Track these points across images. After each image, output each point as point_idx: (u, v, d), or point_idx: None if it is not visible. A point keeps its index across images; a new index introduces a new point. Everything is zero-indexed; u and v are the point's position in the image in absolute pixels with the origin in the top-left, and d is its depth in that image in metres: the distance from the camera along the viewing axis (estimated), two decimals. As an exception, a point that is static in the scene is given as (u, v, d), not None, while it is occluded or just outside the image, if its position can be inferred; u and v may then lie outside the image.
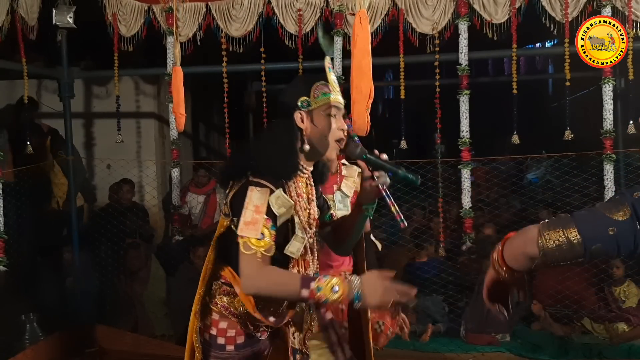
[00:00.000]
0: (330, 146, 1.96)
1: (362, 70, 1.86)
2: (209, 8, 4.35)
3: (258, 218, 1.80)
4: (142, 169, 5.87)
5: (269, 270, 1.82)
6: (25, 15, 4.34)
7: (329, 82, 1.99)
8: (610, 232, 1.36)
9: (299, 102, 1.95)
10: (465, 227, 4.07)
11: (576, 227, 1.39)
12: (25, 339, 4.37)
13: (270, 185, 1.84)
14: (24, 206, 4.71)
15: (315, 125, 1.95)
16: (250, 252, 1.78)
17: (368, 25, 1.94)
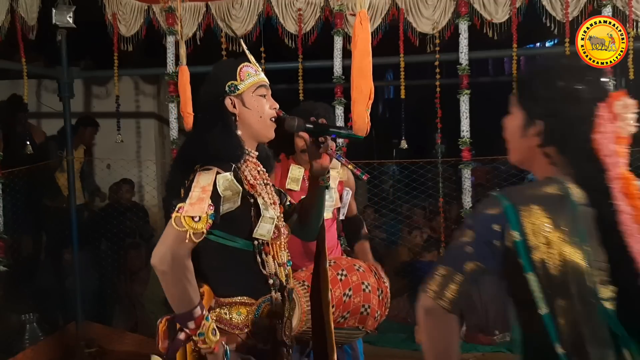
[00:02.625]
0: (267, 125, 1.94)
1: (362, 70, 1.86)
2: (208, 8, 4.34)
3: (204, 197, 1.73)
4: (142, 169, 5.87)
5: (189, 265, 1.72)
6: (25, 15, 4.34)
7: (252, 62, 1.96)
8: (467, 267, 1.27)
9: (227, 88, 1.91)
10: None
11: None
12: (25, 339, 4.37)
13: (217, 168, 1.79)
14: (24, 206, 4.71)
15: (247, 107, 1.92)
16: (181, 230, 1.70)
17: (369, 25, 1.94)
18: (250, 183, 1.88)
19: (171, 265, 1.69)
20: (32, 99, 5.70)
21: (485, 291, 1.45)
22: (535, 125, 1.36)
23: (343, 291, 2.50)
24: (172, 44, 4.34)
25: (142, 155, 6.00)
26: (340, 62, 4.13)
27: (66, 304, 4.75)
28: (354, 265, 2.63)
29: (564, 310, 1.22)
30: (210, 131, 1.89)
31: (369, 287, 2.55)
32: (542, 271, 1.23)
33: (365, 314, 2.55)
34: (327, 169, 1.97)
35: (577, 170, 1.31)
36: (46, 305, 4.66)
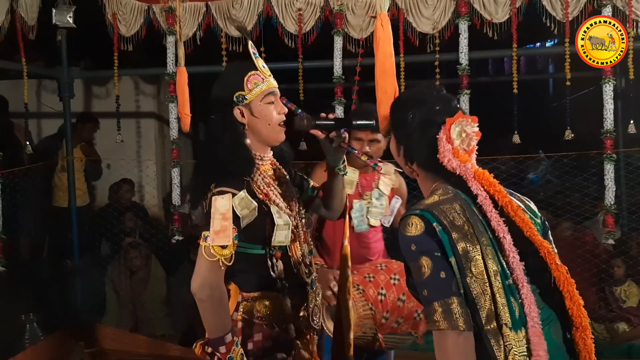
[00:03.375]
0: (276, 130, 1.98)
1: (385, 72, 1.86)
2: (208, 8, 4.34)
3: (226, 225, 1.82)
4: (142, 168, 5.88)
5: (224, 292, 1.87)
6: (25, 15, 4.34)
7: (259, 69, 1.98)
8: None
9: (235, 98, 1.94)
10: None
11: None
12: (25, 339, 4.37)
13: (231, 189, 1.86)
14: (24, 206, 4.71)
15: (256, 117, 1.95)
16: (213, 260, 1.81)
17: (389, 27, 1.94)
18: (263, 192, 1.94)
19: (209, 294, 1.83)
20: (32, 99, 5.70)
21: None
22: (399, 148, 1.61)
23: (397, 296, 2.44)
24: (172, 44, 4.34)
25: (142, 155, 6.01)
26: (340, 62, 4.13)
27: (66, 304, 4.74)
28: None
29: (476, 288, 1.41)
30: (220, 145, 1.93)
31: None
32: (462, 256, 1.41)
33: (418, 319, 2.50)
34: (341, 159, 2.06)
35: (441, 179, 1.54)
36: (46, 305, 4.66)
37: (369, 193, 2.92)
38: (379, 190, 2.92)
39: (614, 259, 4.33)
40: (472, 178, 1.49)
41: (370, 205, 2.90)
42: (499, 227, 1.44)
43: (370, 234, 2.92)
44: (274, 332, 1.95)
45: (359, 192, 2.92)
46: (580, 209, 4.70)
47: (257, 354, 1.91)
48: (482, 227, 1.46)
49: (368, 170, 2.93)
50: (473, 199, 1.50)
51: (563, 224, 4.74)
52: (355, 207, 2.89)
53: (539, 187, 6.10)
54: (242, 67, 1.99)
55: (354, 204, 2.89)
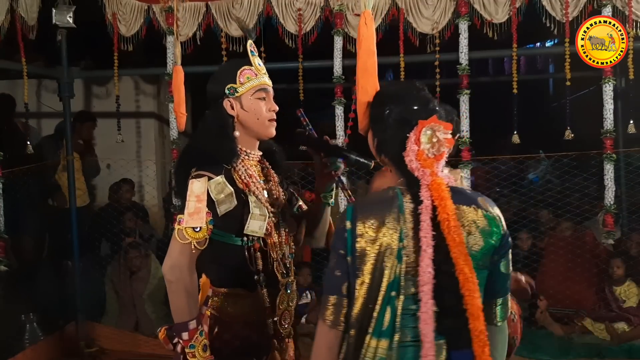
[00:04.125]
0: (265, 125, 2.01)
1: (367, 71, 1.86)
2: (208, 7, 4.34)
3: (200, 207, 1.83)
4: (142, 168, 5.88)
5: (193, 277, 1.87)
6: (25, 15, 4.34)
7: (254, 65, 2.02)
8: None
9: (226, 90, 1.98)
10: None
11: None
12: (25, 339, 4.37)
13: (208, 173, 1.88)
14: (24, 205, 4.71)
15: (245, 110, 1.99)
16: (185, 242, 1.83)
17: (373, 25, 1.94)
18: (243, 182, 1.94)
19: (178, 277, 1.83)
20: (32, 98, 5.70)
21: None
22: (374, 139, 1.64)
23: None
24: (172, 44, 4.34)
25: (142, 155, 6.00)
26: (340, 62, 4.13)
27: (66, 304, 4.74)
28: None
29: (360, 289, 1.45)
30: (206, 133, 1.98)
31: (514, 315, 2.25)
32: (358, 256, 1.45)
33: (515, 320, 2.27)
34: (329, 188, 2.05)
35: (403, 177, 1.55)
36: (46, 305, 4.66)
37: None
38: None
39: (614, 259, 4.33)
40: (425, 185, 1.48)
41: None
42: (423, 239, 1.43)
43: None
44: (244, 333, 1.92)
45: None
46: (580, 209, 4.70)
47: (224, 352, 1.89)
48: (405, 235, 1.46)
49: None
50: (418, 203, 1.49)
51: (563, 224, 4.74)
52: None
53: (539, 187, 6.09)
54: (238, 62, 2.05)
55: None
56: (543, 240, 4.88)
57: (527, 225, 4.85)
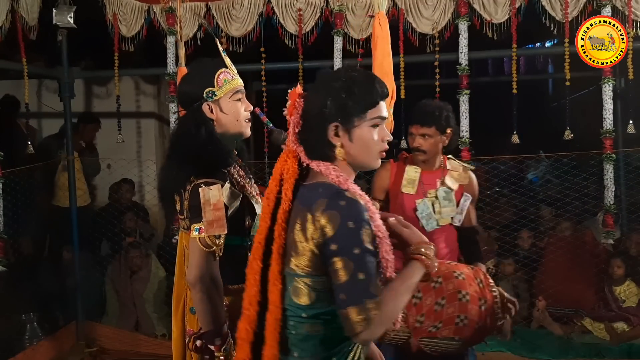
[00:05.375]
0: (243, 125, 2.02)
1: (384, 71, 1.87)
2: (209, 8, 4.35)
3: (220, 215, 1.83)
4: (142, 168, 5.88)
5: (221, 283, 1.88)
6: (26, 15, 4.34)
7: (228, 66, 2.02)
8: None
9: (205, 94, 1.97)
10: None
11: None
12: (25, 339, 4.37)
13: (217, 180, 1.88)
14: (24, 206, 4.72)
15: (225, 113, 1.99)
16: (209, 250, 1.83)
17: (387, 26, 1.95)
18: (240, 184, 1.98)
19: (207, 285, 1.84)
20: (32, 99, 5.70)
21: None
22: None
23: (435, 300, 2.31)
24: (172, 44, 4.34)
25: (143, 155, 6.01)
26: (340, 62, 4.13)
27: (66, 304, 4.74)
28: (453, 272, 2.37)
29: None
30: (194, 139, 1.95)
31: (466, 296, 2.30)
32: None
33: (462, 325, 2.31)
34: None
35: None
36: (46, 305, 4.66)
37: (433, 191, 2.84)
38: (445, 187, 2.83)
39: (614, 259, 4.33)
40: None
41: (438, 204, 2.81)
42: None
43: (437, 233, 2.82)
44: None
45: (422, 190, 2.84)
46: (580, 209, 4.70)
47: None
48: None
49: (432, 167, 2.88)
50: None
51: (563, 224, 4.74)
52: (419, 207, 2.81)
53: (539, 187, 6.09)
54: (212, 63, 2.03)
55: (417, 204, 2.81)
56: (543, 240, 4.88)
57: (527, 225, 4.85)
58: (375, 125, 1.53)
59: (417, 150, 2.83)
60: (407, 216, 2.78)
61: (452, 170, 2.89)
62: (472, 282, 2.35)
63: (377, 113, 1.53)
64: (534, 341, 4.18)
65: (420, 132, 2.80)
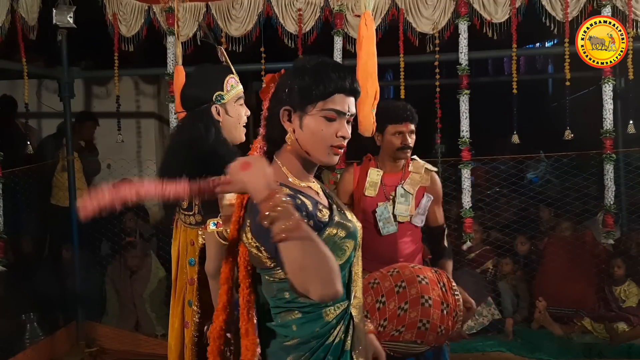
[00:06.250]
0: (241, 130, 2.13)
1: (367, 71, 1.88)
2: (209, 8, 4.35)
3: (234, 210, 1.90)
4: (142, 168, 5.87)
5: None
6: (25, 15, 4.34)
7: (234, 73, 2.14)
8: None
9: (214, 97, 2.06)
10: (465, 227, 4.08)
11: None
12: (25, 339, 4.37)
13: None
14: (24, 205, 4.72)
15: (230, 116, 2.10)
16: (226, 243, 1.85)
17: (373, 26, 1.96)
18: None
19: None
20: (32, 99, 5.70)
21: None
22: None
23: (398, 304, 2.35)
24: (172, 44, 4.34)
25: (142, 155, 6.00)
26: (340, 62, 4.13)
27: (66, 304, 4.74)
28: (417, 276, 2.41)
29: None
30: (206, 139, 2.04)
31: (429, 301, 2.35)
32: None
33: (424, 329, 2.35)
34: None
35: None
36: (46, 305, 4.66)
37: (394, 192, 2.87)
38: (402, 189, 2.87)
39: (614, 259, 4.33)
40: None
41: (395, 204, 2.85)
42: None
43: (399, 235, 2.85)
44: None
45: (384, 193, 2.87)
46: (580, 209, 4.70)
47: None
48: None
49: (396, 169, 2.91)
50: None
51: (563, 224, 4.74)
52: (378, 210, 2.84)
53: (539, 187, 6.09)
54: (221, 68, 2.15)
55: (377, 208, 2.84)
56: (543, 240, 4.89)
57: (527, 225, 4.85)
58: (329, 118, 1.48)
59: (407, 147, 2.85)
60: (367, 217, 2.84)
61: (414, 172, 2.92)
62: (435, 286, 2.39)
63: (330, 105, 1.48)
64: (534, 341, 4.18)
65: (410, 129, 2.83)
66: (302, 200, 1.48)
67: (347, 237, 1.52)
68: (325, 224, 1.48)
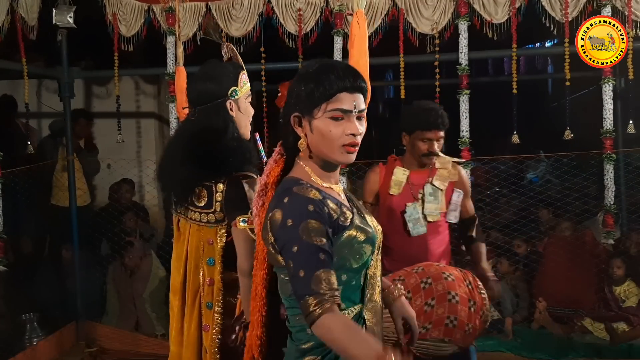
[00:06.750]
0: (249, 126, 2.15)
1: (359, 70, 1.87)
2: (209, 8, 4.35)
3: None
4: (142, 168, 5.87)
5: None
6: (25, 15, 4.34)
7: (244, 69, 2.16)
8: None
9: (230, 92, 2.06)
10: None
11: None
12: (25, 339, 4.37)
13: (253, 174, 2.00)
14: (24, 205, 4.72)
15: (242, 112, 2.10)
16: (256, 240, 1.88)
17: (365, 25, 1.96)
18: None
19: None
20: (32, 99, 5.70)
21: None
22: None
23: (425, 300, 2.28)
24: (172, 44, 4.34)
25: (143, 155, 6.00)
26: (341, 61, 4.13)
27: (66, 304, 4.75)
28: (442, 273, 2.34)
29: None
30: (225, 135, 2.03)
31: (456, 297, 2.27)
32: None
33: (451, 326, 2.26)
34: None
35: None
36: (46, 305, 4.66)
37: (422, 191, 2.83)
38: (432, 186, 2.82)
39: (614, 259, 4.33)
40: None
41: (424, 203, 2.81)
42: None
43: (428, 235, 2.81)
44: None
45: (411, 192, 2.83)
46: (580, 209, 4.70)
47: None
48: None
49: (423, 167, 2.86)
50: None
51: (563, 224, 4.74)
52: (407, 210, 2.79)
53: (539, 187, 6.09)
54: (235, 64, 2.14)
55: (406, 208, 2.80)
56: (543, 240, 4.88)
57: (527, 225, 4.85)
58: (335, 118, 1.50)
59: (434, 154, 2.81)
60: (394, 218, 2.80)
61: (441, 168, 2.88)
62: (461, 283, 2.32)
63: (335, 105, 1.50)
64: (534, 341, 4.18)
65: (438, 136, 2.79)
66: (330, 206, 1.50)
67: (366, 242, 1.54)
68: (345, 226, 1.51)
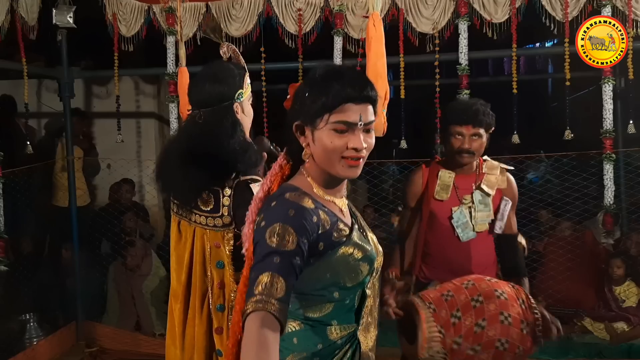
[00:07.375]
0: (249, 130, 2.11)
1: (377, 72, 1.86)
2: (209, 8, 4.35)
3: None
4: (142, 168, 5.88)
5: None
6: (25, 15, 4.34)
7: (247, 71, 2.13)
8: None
9: (236, 95, 2.04)
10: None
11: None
12: (25, 339, 4.37)
13: (259, 177, 1.98)
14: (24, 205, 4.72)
15: (245, 115, 2.08)
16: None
17: (382, 27, 1.95)
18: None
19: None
20: (32, 99, 5.71)
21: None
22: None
23: (475, 321, 2.07)
24: (172, 44, 4.34)
25: (143, 155, 6.01)
26: (340, 62, 4.13)
27: (66, 304, 4.75)
28: (495, 291, 2.12)
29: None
30: (233, 138, 2.00)
31: (509, 318, 2.06)
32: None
33: (502, 349, 2.06)
34: None
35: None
36: (46, 305, 4.66)
37: (469, 196, 2.66)
38: (480, 193, 2.66)
39: (614, 259, 4.33)
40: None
41: (474, 209, 2.65)
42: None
43: (472, 243, 2.65)
44: None
45: (456, 196, 2.67)
46: (580, 209, 4.70)
47: None
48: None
49: (468, 171, 2.69)
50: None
51: (563, 224, 4.74)
52: (455, 215, 2.64)
53: (539, 187, 6.09)
54: (240, 66, 2.11)
55: (453, 213, 2.64)
56: (543, 240, 4.88)
57: (527, 225, 4.85)
58: (338, 130, 1.40)
59: (466, 152, 2.62)
60: (440, 224, 2.65)
61: (489, 173, 2.70)
62: (514, 302, 2.10)
63: (339, 117, 1.39)
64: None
65: (472, 132, 2.59)
66: (321, 217, 1.42)
67: (363, 260, 1.48)
68: (341, 242, 1.44)
